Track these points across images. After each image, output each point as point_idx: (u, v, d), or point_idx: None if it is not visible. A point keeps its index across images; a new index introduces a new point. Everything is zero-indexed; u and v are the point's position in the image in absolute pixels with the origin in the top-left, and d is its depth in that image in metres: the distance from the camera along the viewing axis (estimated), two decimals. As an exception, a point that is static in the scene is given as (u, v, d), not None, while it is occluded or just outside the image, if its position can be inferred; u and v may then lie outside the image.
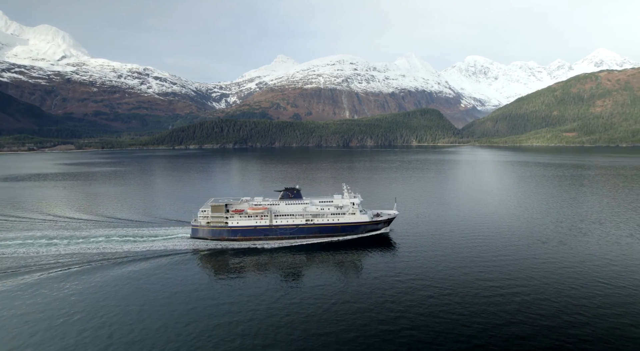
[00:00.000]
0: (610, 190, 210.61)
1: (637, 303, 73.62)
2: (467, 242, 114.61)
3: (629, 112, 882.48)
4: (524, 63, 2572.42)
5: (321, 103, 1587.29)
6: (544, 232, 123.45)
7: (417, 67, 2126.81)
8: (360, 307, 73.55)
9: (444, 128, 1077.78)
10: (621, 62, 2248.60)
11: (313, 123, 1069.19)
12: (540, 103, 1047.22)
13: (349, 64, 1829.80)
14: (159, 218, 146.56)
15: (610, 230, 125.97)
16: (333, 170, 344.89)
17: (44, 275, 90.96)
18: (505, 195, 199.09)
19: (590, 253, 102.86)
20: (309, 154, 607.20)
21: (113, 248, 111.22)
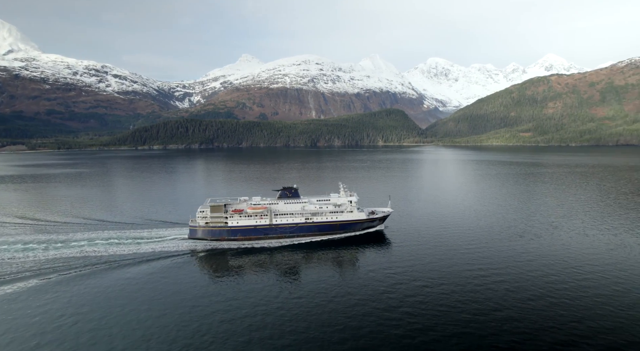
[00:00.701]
0: (569, 187, 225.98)
1: (607, 285, 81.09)
2: (453, 236, 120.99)
3: (577, 114, 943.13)
4: (482, 65, 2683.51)
5: (287, 103, 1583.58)
6: (519, 226, 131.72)
7: (381, 68, 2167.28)
8: (361, 299, 76.81)
9: (408, 129, 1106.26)
10: (568, 66, 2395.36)
11: (280, 123, 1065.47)
12: (498, 104, 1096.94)
13: (314, 64, 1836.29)
14: (149, 220, 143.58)
15: (576, 223, 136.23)
16: (310, 170, 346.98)
17: (39, 281, 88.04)
18: (479, 192, 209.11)
19: (563, 244, 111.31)
20: (279, 154, 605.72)
21: (110, 251, 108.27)
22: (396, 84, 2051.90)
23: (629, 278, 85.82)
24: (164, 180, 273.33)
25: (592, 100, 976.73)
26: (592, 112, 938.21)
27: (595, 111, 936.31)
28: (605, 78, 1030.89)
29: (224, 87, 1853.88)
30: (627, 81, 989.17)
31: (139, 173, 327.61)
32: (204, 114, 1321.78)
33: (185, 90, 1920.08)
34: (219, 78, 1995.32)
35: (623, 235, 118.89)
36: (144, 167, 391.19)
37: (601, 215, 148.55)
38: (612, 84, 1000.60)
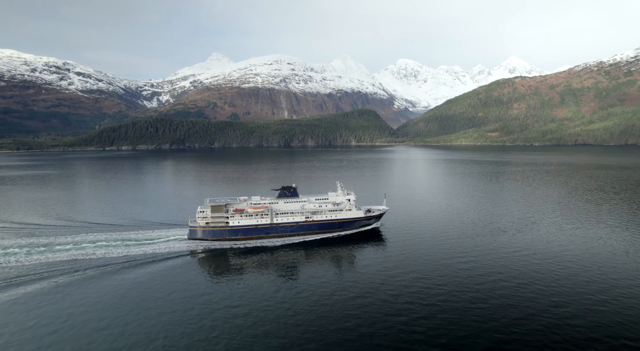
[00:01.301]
0: (540, 184, 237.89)
1: (584, 274, 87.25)
2: (442, 232, 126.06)
3: (539, 115, 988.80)
4: (449, 67, 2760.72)
5: (259, 103, 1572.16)
6: (501, 222, 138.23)
7: (352, 69, 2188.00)
8: (361, 292, 79.51)
9: (380, 129, 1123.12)
10: (529, 69, 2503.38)
11: (253, 123, 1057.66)
12: (467, 105, 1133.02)
13: (286, 64, 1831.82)
14: (144, 222, 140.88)
15: (552, 218, 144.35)
16: (289, 169, 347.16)
17: (40, 285, 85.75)
18: (458, 190, 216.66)
19: (544, 238, 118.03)
20: (254, 154, 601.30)
21: (110, 253, 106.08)
22: (367, 85, 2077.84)
23: (603, 266, 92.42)
24: (145, 182, 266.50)
25: (552, 102, 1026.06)
26: (552, 113, 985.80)
27: (556, 112, 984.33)
28: (564, 81, 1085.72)
29: (194, 86, 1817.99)
30: (583, 84, 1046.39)
31: (113, 174, 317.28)
32: (173, 114, 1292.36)
33: (153, 90, 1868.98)
34: (188, 77, 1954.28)
35: (595, 229, 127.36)
36: (117, 167, 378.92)
37: (573, 210, 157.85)
38: (570, 86, 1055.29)
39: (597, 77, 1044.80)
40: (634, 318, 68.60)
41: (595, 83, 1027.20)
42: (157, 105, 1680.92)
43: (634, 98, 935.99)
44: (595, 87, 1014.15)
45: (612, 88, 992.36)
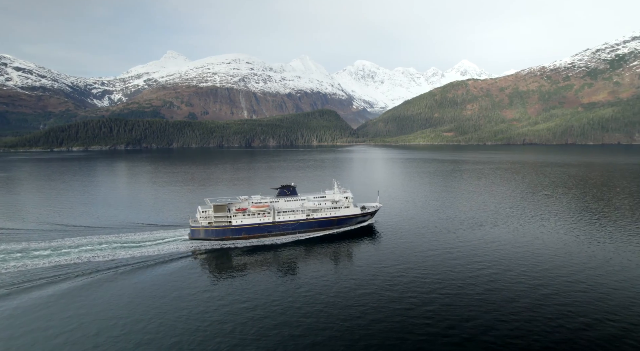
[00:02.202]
0: (502, 180, 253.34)
1: (557, 259, 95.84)
2: (424, 227, 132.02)
3: (491, 116, 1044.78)
4: (405, 69, 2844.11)
5: (218, 103, 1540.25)
6: (476, 217, 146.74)
7: (311, 69, 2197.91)
8: (361, 284, 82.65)
9: (341, 129, 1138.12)
10: (480, 72, 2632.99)
11: (213, 123, 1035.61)
12: (423, 106, 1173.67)
13: (245, 63, 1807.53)
14: (140, 224, 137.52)
15: (521, 212, 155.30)
16: (257, 170, 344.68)
17: (42, 291, 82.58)
18: (430, 188, 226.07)
19: (517, 231, 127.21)
20: (217, 155, 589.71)
21: (111, 256, 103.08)
22: (326, 85, 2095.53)
23: (572, 252, 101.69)
24: (119, 183, 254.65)
25: (502, 104, 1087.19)
26: (502, 114, 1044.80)
27: (505, 113, 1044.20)
28: (512, 84, 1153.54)
29: (148, 84, 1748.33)
30: (529, 87, 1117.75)
31: (79, 176, 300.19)
32: (127, 113, 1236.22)
33: (104, 88, 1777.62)
34: (142, 75, 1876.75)
35: (558, 220, 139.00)
36: (80, 169, 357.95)
37: (537, 204, 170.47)
38: (517, 89, 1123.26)
39: (540, 81, 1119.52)
40: (602, 294, 76.53)
41: (539, 86, 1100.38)
42: (108, 104, 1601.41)
43: (571, 101, 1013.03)
44: (539, 90, 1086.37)
45: (554, 91, 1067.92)
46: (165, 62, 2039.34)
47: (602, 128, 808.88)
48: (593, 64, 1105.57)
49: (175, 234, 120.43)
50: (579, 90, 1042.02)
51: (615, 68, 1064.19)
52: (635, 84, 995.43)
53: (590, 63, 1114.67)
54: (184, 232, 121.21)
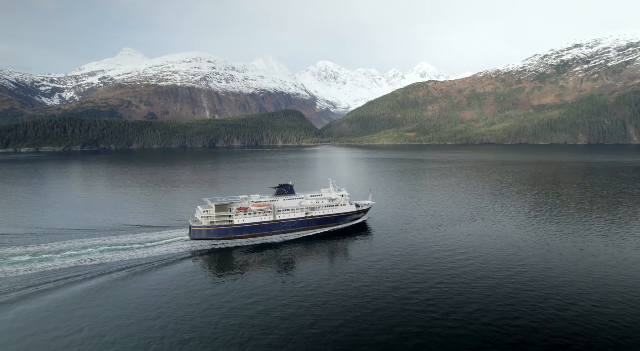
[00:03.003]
0: (470, 178, 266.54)
1: (532, 250, 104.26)
2: (408, 224, 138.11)
3: (450, 116, 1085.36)
4: (367, 70, 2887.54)
5: (179, 102, 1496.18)
6: (454, 213, 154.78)
7: (274, 69, 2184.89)
8: (360, 276, 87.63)
9: (306, 129, 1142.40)
10: (438, 74, 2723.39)
11: (175, 123, 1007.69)
12: (386, 106, 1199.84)
13: (206, 62, 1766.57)
14: (135, 226, 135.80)
15: (494, 208, 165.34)
16: (234, 170, 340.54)
17: (44, 294, 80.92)
18: (403, 186, 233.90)
19: (494, 225, 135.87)
20: (182, 156, 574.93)
21: (113, 258, 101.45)
22: (290, 85, 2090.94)
23: (547, 244, 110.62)
24: (96, 185, 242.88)
25: (461, 105, 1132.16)
26: (461, 114, 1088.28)
27: (464, 114, 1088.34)
28: (469, 86, 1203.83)
29: (103, 82, 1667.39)
30: (485, 89, 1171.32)
31: (41, 179, 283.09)
32: (81, 112, 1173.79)
33: (54, 85, 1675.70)
34: (96, 73, 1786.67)
35: (529, 214, 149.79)
36: (43, 171, 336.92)
37: (507, 200, 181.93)
38: (474, 91, 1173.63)
39: (495, 83, 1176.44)
40: (573, 278, 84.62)
41: (495, 88, 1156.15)
42: (59, 103, 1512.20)
43: (523, 103, 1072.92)
44: (494, 92, 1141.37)
45: (508, 93, 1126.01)
46: (122, 60, 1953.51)
47: (550, 129, 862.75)
48: (541, 69, 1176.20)
49: (173, 235, 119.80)
50: (530, 92, 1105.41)
51: (561, 73, 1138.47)
52: (578, 87, 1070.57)
53: (539, 67, 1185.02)
54: (182, 233, 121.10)
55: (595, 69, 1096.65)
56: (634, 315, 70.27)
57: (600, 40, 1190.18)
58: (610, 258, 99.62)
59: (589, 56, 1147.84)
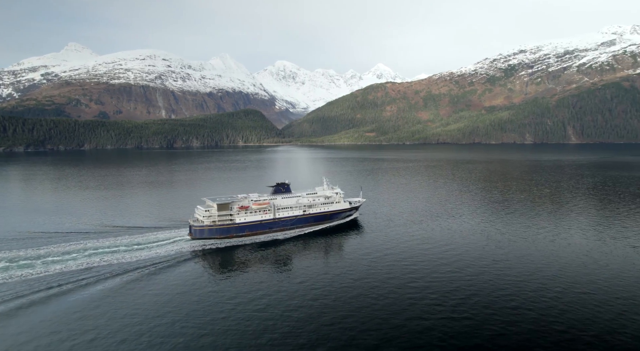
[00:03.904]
0: (437, 176, 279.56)
1: (509, 240, 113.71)
2: (390, 221, 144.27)
3: (408, 117, 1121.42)
4: (325, 71, 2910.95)
5: (133, 101, 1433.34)
6: (433, 210, 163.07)
7: (232, 68, 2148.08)
8: (356, 269, 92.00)
9: (267, 129, 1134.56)
10: (394, 75, 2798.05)
11: (130, 123, 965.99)
12: (346, 107, 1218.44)
13: (161, 60, 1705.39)
14: (133, 227, 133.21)
15: (469, 204, 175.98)
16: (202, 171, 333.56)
17: (46, 297, 78.95)
18: (376, 185, 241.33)
19: (472, 219, 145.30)
20: (140, 157, 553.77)
21: (116, 259, 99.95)
22: (248, 85, 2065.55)
23: (522, 236, 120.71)
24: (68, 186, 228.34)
25: (417, 106, 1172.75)
26: (418, 115, 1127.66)
27: (421, 115, 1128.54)
28: (425, 87, 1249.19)
29: (47, 79, 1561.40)
30: (440, 91, 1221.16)
31: None
32: (23, 111, 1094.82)
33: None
34: (38, 68, 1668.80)
35: (501, 209, 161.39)
36: None
37: (479, 196, 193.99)
38: (430, 92, 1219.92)
39: (450, 85, 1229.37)
40: (545, 265, 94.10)
41: (449, 90, 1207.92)
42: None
43: (475, 104, 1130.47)
44: (449, 94, 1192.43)
45: (461, 95, 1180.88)
46: (67, 55, 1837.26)
47: (501, 129, 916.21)
48: (492, 72, 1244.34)
49: (174, 235, 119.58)
50: (481, 94, 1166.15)
51: (509, 76, 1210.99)
52: (524, 90, 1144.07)
53: (489, 71, 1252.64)
54: (180, 233, 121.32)
55: (538, 74, 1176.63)
56: (579, 293, 79.54)
57: (542, 47, 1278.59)
58: (581, 247, 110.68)
59: (533, 61, 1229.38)
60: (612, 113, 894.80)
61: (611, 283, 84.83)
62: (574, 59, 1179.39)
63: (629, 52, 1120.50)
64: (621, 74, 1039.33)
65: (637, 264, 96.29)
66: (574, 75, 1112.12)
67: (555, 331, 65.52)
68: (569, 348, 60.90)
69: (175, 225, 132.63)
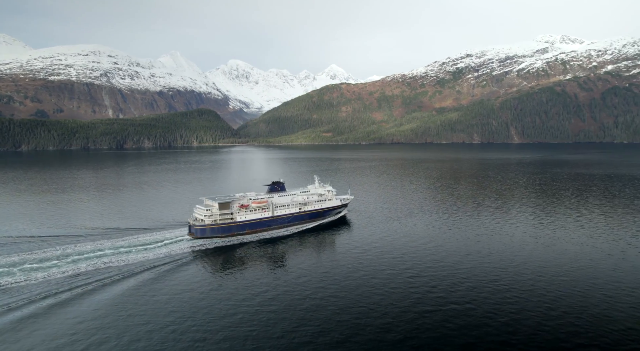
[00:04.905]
0: (401, 175, 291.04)
1: (484, 234, 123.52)
2: (371, 218, 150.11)
3: (363, 117, 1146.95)
4: (279, 71, 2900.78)
5: (75, 100, 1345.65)
6: (407, 208, 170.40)
7: (183, 67, 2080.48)
8: (350, 263, 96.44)
9: (222, 129, 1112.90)
10: (347, 77, 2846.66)
11: (75, 123, 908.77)
12: (302, 107, 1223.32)
13: (107, 56, 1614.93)
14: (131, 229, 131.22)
15: (436, 200, 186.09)
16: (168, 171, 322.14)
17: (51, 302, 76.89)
18: (346, 183, 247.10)
19: (447, 215, 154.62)
20: (88, 159, 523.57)
21: (117, 261, 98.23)
22: (201, 84, 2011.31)
23: (495, 230, 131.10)
24: None
25: (372, 106, 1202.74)
26: (373, 116, 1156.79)
27: (375, 115, 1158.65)
28: (379, 89, 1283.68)
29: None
30: (393, 92, 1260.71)
31: None
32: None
33: None
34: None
35: (465, 204, 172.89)
36: None
37: (448, 193, 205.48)
38: (384, 93, 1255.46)
39: (402, 87, 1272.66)
40: (527, 257, 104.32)
41: (402, 92, 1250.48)
42: None
43: (426, 106, 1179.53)
44: (401, 95, 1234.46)
45: (413, 96, 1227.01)
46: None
47: (451, 129, 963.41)
48: (441, 75, 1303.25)
49: (172, 235, 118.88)
50: (432, 96, 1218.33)
51: (457, 79, 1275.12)
52: (471, 92, 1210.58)
53: (439, 73, 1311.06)
54: (179, 232, 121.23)
55: (483, 77, 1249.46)
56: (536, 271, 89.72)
57: (486, 52, 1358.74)
58: (542, 239, 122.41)
59: (478, 65, 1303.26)
60: (548, 115, 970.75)
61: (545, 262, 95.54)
62: (514, 64, 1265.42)
63: (560, 59, 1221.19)
64: (554, 79, 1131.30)
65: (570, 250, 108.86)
66: (515, 79, 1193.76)
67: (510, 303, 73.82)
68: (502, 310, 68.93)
69: (168, 226, 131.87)
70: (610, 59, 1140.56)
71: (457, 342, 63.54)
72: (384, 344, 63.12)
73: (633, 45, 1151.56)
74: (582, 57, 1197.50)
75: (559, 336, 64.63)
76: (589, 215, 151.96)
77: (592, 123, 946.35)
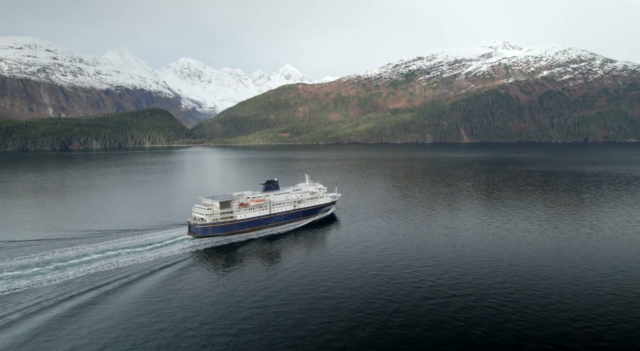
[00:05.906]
0: (369, 174, 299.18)
1: (461, 227, 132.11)
2: (354, 215, 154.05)
3: (320, 118, 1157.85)
4: (232, 70, 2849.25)
5: (9, 97, 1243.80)
6: (388, 206, 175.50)
7: (131, 64, 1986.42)
8: (346, 258, 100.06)
9: (176, 129, 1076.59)
10: (302, 77, 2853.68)
11: (10, 122, 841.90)
12: (259, 107, 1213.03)
13: (44, 50, 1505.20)
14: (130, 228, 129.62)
15: (412, 198, 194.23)
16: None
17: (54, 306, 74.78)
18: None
19: (424, 212, 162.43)
20: (25, 161, 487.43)
21: (119, 262, 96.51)
22: (151, 82, 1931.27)
23: (473, 225, 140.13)
24: None
25: (328, 107, 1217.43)
26: (329, 116, 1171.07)
27: (332, 116, 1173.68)
28: (335, 89, 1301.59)
29: None
30: (349, 93, 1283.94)
31: None
32: None
33: None
34: None
35: (439, 199, 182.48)
36: None
37: (421, 191, 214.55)
38: (340, 94, 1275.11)
39: (358, 88, 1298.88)
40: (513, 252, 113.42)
41: (357, 93, 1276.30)
42: None
43: (381, 107, 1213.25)
44: (357, 96, 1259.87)
45: (368, 97, 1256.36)
46: None
47: (405, 129, 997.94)
48: (394, 76, 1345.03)
49: (172, 235, 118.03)
50: (386, 97, 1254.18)
51: (409, 81, 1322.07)
52: (423, 94, 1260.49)
53: (392, 75, 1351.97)
54: (179, 232, 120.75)
55: (434, 79, 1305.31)
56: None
57: (436, 55, 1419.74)
58: (515, 233, 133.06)
59: (429, 68, 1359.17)
60: (494, 116, 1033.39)
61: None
62: (462, 68, 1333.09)
63: (503, 64, 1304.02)
64: (498, 82, 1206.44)
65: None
66: (463, 82, 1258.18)
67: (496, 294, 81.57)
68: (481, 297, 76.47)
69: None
70: (546, 65, 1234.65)
71: (454, 324, 68.84)
72: (391, 324, 67.15)
73: (564, 53, 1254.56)
74: (522, 63, 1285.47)
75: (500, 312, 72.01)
76: (537, 208, 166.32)
77: (532, 124, 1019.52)
